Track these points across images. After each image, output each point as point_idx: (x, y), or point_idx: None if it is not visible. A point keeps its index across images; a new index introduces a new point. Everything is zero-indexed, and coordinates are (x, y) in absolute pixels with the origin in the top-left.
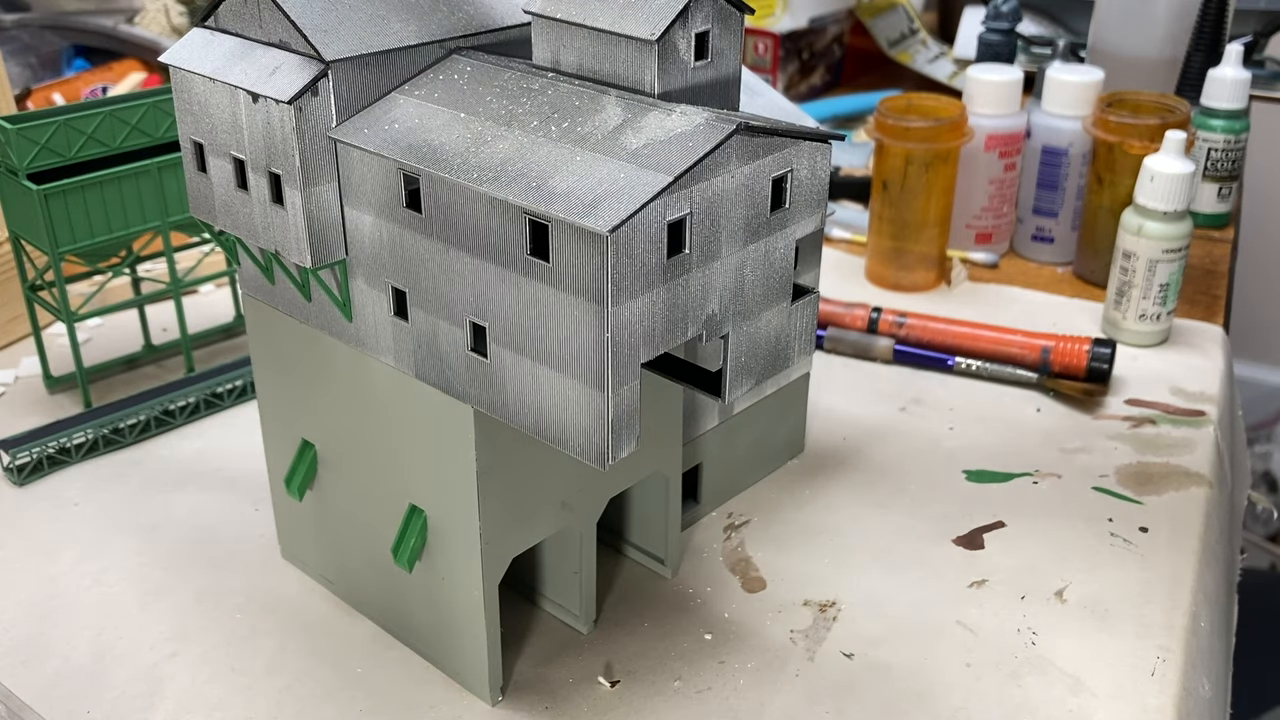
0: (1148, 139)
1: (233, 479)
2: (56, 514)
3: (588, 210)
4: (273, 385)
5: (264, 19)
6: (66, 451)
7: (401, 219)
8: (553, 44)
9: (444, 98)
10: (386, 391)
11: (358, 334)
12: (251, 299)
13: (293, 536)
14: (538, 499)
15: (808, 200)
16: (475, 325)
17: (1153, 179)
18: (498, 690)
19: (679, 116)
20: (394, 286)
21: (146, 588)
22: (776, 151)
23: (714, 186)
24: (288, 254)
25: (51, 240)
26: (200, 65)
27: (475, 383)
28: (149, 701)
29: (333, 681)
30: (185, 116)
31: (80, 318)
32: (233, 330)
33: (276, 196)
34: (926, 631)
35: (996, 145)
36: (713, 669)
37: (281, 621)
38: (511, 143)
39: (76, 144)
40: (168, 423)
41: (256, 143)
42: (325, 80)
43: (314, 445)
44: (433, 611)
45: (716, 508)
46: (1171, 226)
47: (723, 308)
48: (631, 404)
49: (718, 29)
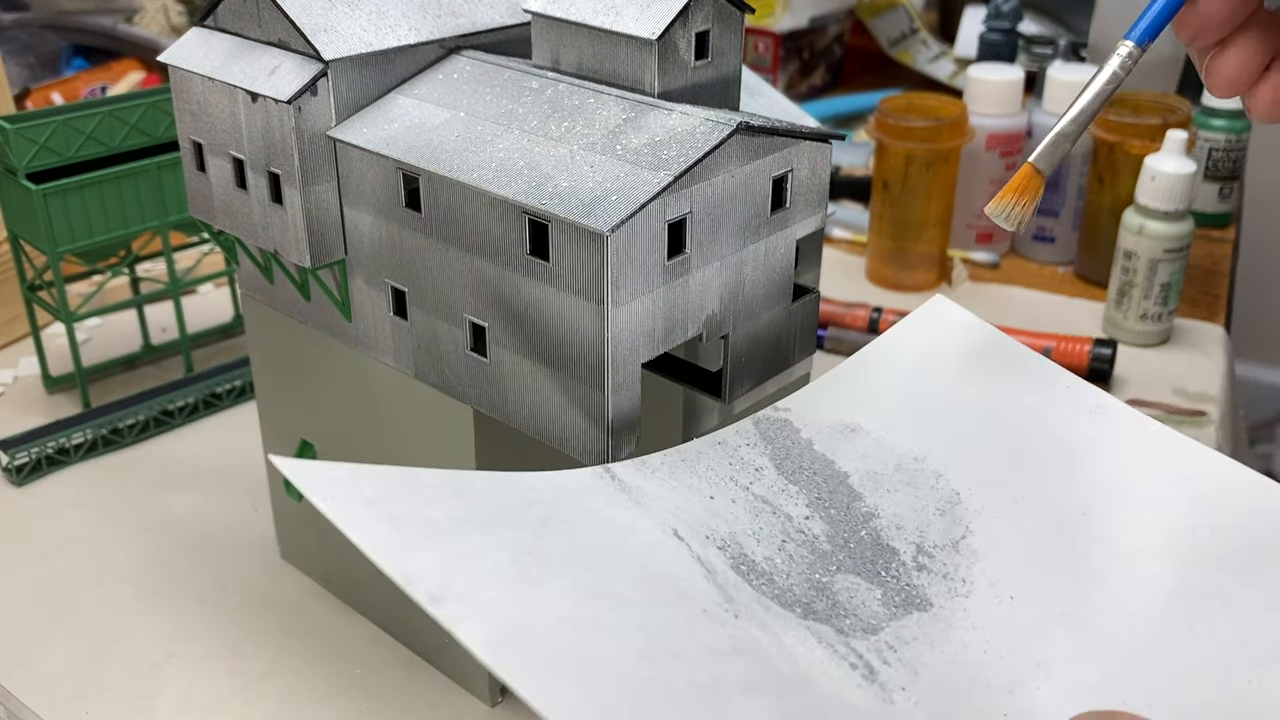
0: (1149, 138)
1: (232, 479)
2: (55, 514)
3: (588, 210)
4: (272, 385)
5: (263, 18)
6: (65, 452)
7: (401, 218)
8: (552, 43)
9: (443, 97)
10: (386, 392)
11: (357, 334)
12: (250, 299)
13: (292, 537)
14: None
15: (808, 200)
16: (475, 325)
17: (1154, 179)
18: (497, 691)
19: (679, 116)
20: (393, 286)
21: (145, 588)
22: (777, 151)
23: (714, 186)
24: (287, 254)
25: (50, 240)
26: (199, 65)
27: (475, 383)
28: (148, 702)
29: (332, 683)
30: (184, 116)
31: (79, 318)
32: (232, 330)
33: (276, 196)
34: None
35: (997, 145)
36: None
37: (281, 622)
38: (511, 142)
39: (75, 144)
40: (167, 423)
41: (255, 142)
42: (324, 80)
43: (313, 445)
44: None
45: None
46: (1173, 226)
47: (723, 308)
48: (631, 404)
49: (718, 28)
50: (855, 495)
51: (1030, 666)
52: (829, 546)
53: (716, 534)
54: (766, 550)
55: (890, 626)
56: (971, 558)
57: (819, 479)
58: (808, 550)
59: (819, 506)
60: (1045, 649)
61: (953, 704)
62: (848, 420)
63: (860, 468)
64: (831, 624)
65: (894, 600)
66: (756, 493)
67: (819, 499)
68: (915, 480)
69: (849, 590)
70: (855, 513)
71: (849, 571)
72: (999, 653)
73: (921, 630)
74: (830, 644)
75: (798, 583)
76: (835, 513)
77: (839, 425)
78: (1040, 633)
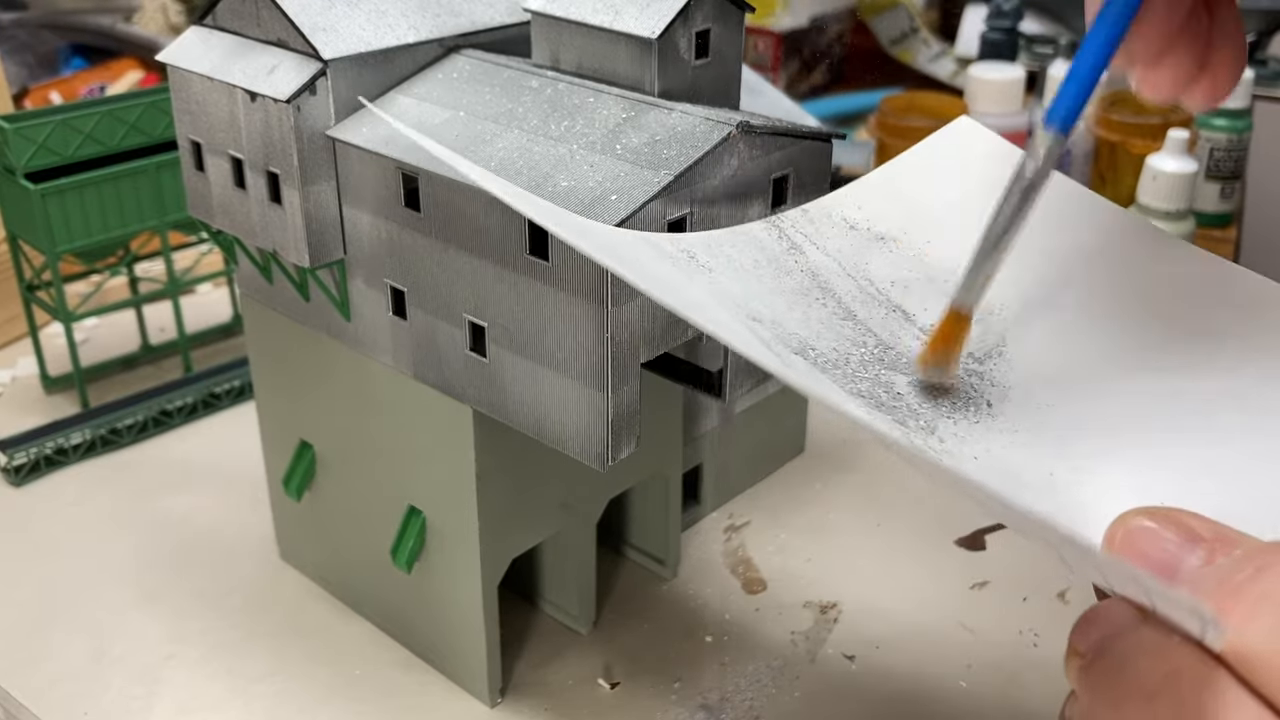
0: (1150, 138)
1: (231, 480)
2: (54, 515)
3: (587, 209)
4: (271, 386)
5: (262, 17)
6: (64, 452)
7: (400, 218)
8: (552, 42)
9: (443, 96)
10: (385, 392)
11: (356, 334)
12: (249, 299)
13: (291, 538)
14: (537, 500)
15: (809, 200)
16: (474, 325)
17: (1155, 178)
18: (497, 692)
19: (679, 115)
20: (393, 286)
21: (144, 589)
22: (777, 151)
23: (714, 186)
24: (286, 254)
25: (49, 240)
26: (198, 64)
27: (474, 383)
28: (147, 703)
29: (331, 683)
30: (183, 115)
31: (77, 318)
32: (231, 330)
33: (275, 196)
34: (928, 633)
35: None
36: (713, 671)
37: (279, 623)
38: (511, 141)
39: (74, 143)
40: (165, 423)
41: (254, 142)
42: (323, 79)
43: (312, 446)
44: (431, 613)
45: (717, 508)
46: (1174, 226)
47: None
48: (631, 404)
49: (718, 27)
50: (891, 304)
51: (1068, 469)
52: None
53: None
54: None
55: (940, 422)
56: (1007, 366)
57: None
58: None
59: (857, 303)
60: (1086, 451)
61: (1004, 481)
62: (875, 229)
63: (890, 275)
64: (887, 411)
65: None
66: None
67: (857, 299)
68: (947, 291)
69: (894, 386)
70: (892, 316)
71: (894, 370)
72: (1040, 451)
73: (949, 431)
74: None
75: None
76: (874, 311)
77: (867, 234)
78: (1078, 437)
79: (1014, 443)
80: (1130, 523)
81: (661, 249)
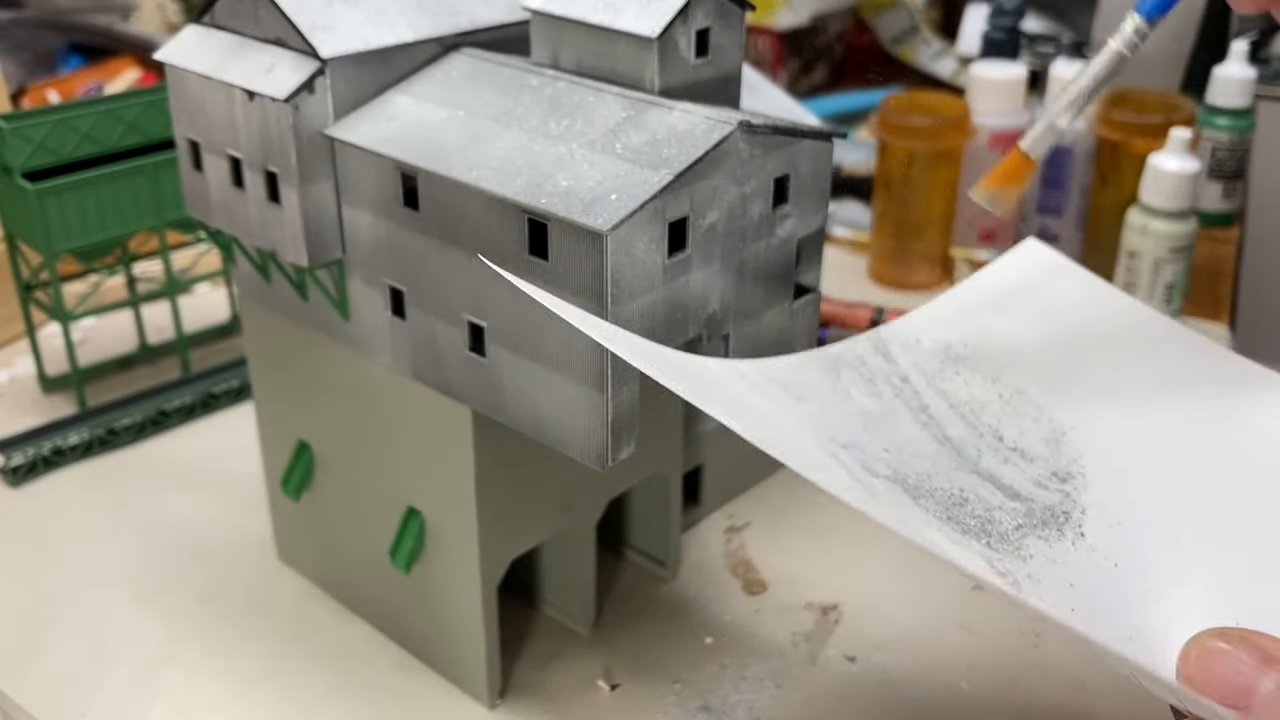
0: (1152, 137)
1: (229, 480)
2: (52, 515)
3: (587, 208)
4: (269, 386)
5: (260, 16)
6: (61, 452)
7: (399, 217)
8: (552, 41)
9: (442, 95)
10: (384, 392)
11: (355, 334)
12: (248, 299)
13: (289, 538)
14: (537, 501)
15: (809, 199)
16: (473, 325)
17: (1157, 178)
18: (496, 693)
19: (679, 114)
20: (391, 286)
21: (142, 590)
22: (778, 150)
23: (714, 185)
24: (284, 253)
25: (46, 239)
26: (196, 63)
27: (473, 383)
28: (145, 704)
29: (330, 684)
30: (181, 114)
31: (75, 317)
32: (229, 331)
33: (273, 195)
34: (929, 634)
35: (1000, 143)
36: (714, 672)
37: (278, 624)
38: (510, 140)
39: (72, 142)
40: (163, 424)
41: (253, 141)
42: (322, 78)
43: (311, 446)
44: (430, 614)
45: (717, 509)
46: (1176, 225)
47: (723, 307)
48: (631, 405)
49: (719, 26)
50: (969, 424)
51: (1141, 590)
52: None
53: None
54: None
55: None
56: (1081, 485)
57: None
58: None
59: (945, 422)
60: (1157, 572)
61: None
62: (949, 350)
63: (963, 396)
64: (973, 535)
65: (1020, 518)
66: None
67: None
68: (1020, 410)
69: (986, 501)
70: (971, 438)
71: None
72: (1114, 573)
73: (1040, 550)
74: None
75: (940, 485)
76: (960, 431)
77: (940, 354)
78: (1149, 557)
79: (1092, 565)
80: (1205, 644)
81: (749, 379)
